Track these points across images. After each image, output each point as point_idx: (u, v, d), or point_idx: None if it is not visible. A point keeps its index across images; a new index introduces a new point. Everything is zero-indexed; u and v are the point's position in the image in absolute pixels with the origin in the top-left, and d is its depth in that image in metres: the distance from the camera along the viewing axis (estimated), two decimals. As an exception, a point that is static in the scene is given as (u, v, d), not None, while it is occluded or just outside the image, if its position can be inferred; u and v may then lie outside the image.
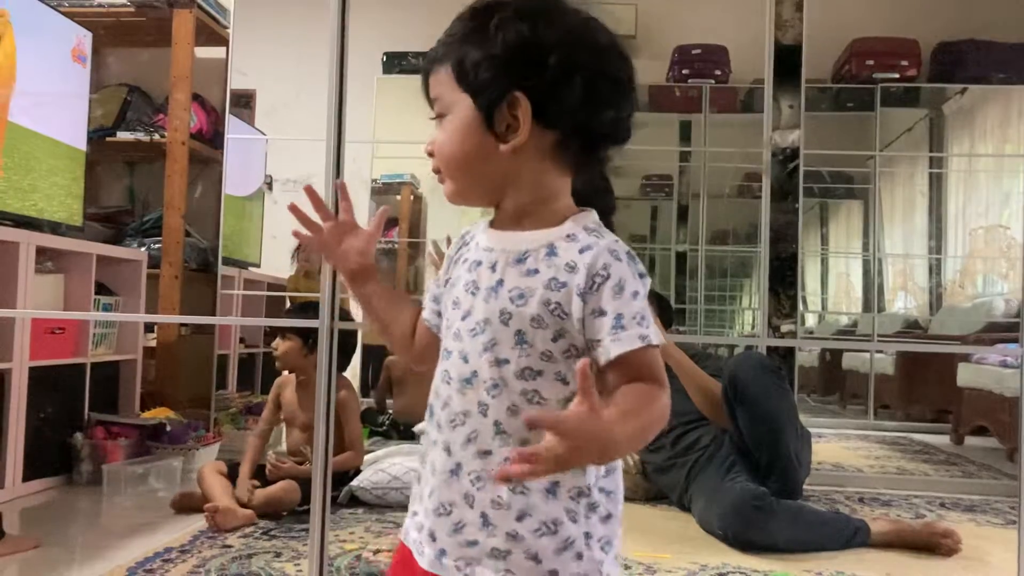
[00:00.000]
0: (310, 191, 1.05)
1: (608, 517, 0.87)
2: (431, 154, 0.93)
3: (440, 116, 0.91)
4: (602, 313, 0.83)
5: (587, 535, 0.85)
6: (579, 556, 0.84)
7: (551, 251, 0.87)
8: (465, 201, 0.94)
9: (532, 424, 0.75)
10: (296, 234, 1.05)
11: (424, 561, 0.89)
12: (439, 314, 0.97)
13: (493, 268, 0.89)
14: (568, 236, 0.87)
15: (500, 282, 0.88)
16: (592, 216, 0.91)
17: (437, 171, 0.93)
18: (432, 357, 0.97)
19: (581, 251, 0.86)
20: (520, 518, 0.84)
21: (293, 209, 1.04)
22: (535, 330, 0.85)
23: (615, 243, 0.87)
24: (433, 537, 0.88)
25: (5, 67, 2.77)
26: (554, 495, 0.84)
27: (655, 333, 0.84)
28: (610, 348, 0.82)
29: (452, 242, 1.00)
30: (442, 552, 0.87)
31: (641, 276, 0.86)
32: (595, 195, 0.98)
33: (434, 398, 0.92)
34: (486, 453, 0.85)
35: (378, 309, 1.05)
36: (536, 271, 0.86)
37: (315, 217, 1.06)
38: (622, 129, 0.91)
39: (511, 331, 0.85)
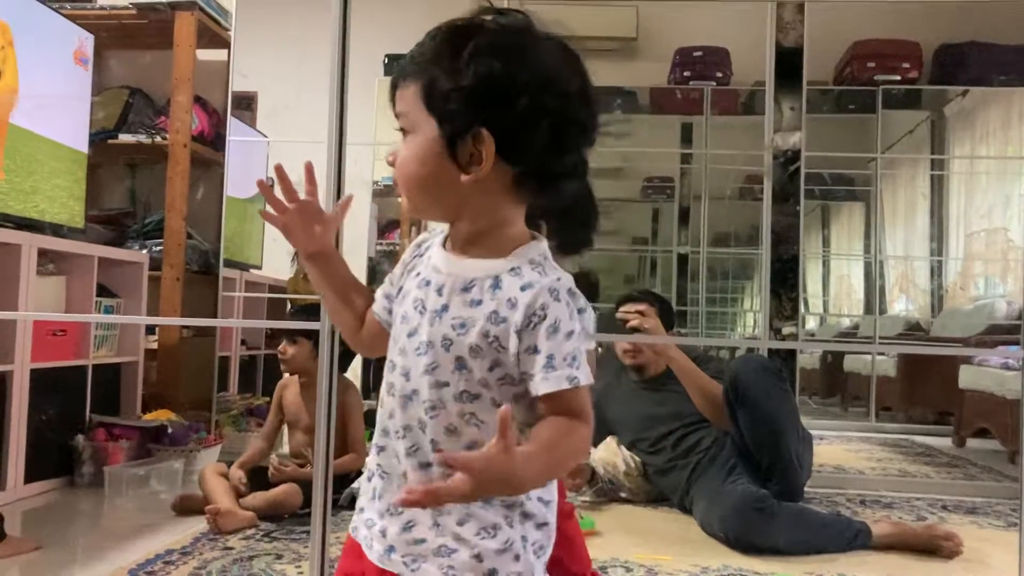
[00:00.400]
0: (279, 170, 1.06)
1: (543, 525, 0.92)
2: (392, 164, 0.94)
3: (404, 131, 0.92)
4: (536, 351, 0.86)
5: (524, 538, 0.90)
6: (517, 558, 0.89)
7: (496, 284, 0.89)
8: (421, 216, 0.98)
9: (443, 464, 0.79)
10: (262, 213, 1.06)
11: (373, 556, 0.93)
12: (389, 311, 1.00)
13: (440, 292, 0.91)
14: (513, 270, 0.89)
15: (445, 307, 0.90)
16: (540, 247, 0.92)
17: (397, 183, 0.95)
18: (379, 348, 1.01)
19: (523, 288, 0.87)
20: (461, 523, 0.88)
21: (261, 186, 1.06)
22: (473, 359, 0.88)
23: (556, 282, 0.88)
24: (384, 534, 0.92)
25: (6, 92, 2.77)
26: (490, 504, 0.89)
27: (585, 374, 0.87)
28: (539, 386, 0.86)
29: (408, 247, 1.01)
30: (391, 548, 0.91)
31: (580, 312, 0.89)
32: (577, 207, 0.99)
33: (381, 407, 0.95)
34: (427, 465, 0.90)
35: (332, 292, 1.07)
36: (480, 302, 0.89)
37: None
38: (581, 170, 0.93)
39: (451, 356, 0.88)
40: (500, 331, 0.87)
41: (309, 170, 1.06)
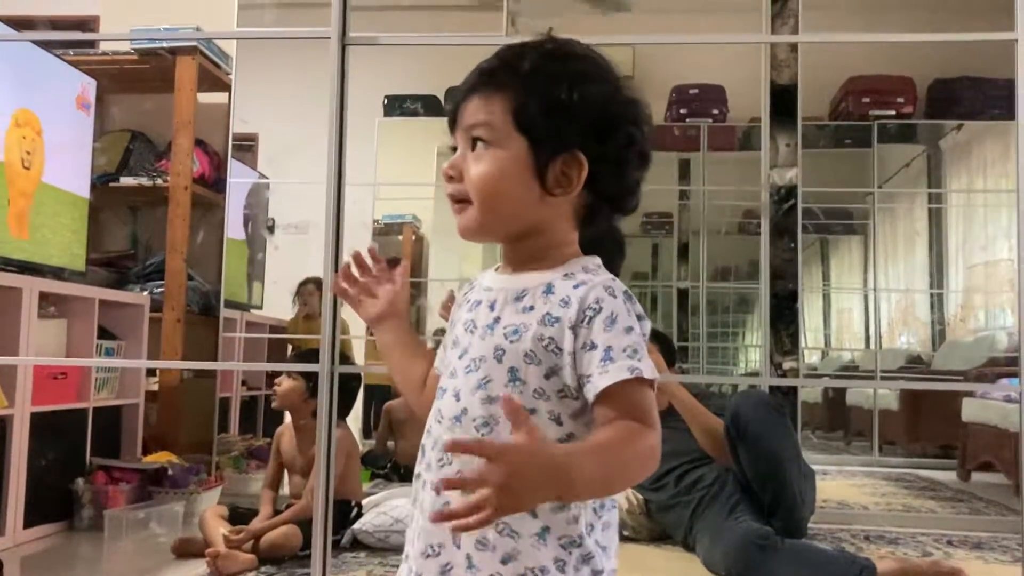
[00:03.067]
0: (372, 252, 1.09)
1: (599, 573, 0.85)
2: (452, 177, 0.90)
3: (477, 140, 0.89)
4: (592, 346, 0.82)
5: None
6: None
7: (548, 289, 0.87)
8: (483, 235, 0.93)
9: (450, 450, 0.75)
10: (335, 287, 1.09)
11: None
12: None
13: (492, 307, 0.89)
14: (566, 275, 0.88)
15: (497, 320, 0.88)
16: (595, 260, 0.92)
17: (459, 199, 0.91)
18: None
19: (576, 286, 0.86)
20: (505, 561, 0.82)
21: (344, 271, 1.09)
22: (528, 366, 0.84)
23: (611, 281, 0.87)
24: None
25: (36, 175, 2.83)
26: (544, 542, 0.82)
27: (648, 367, 0.83)
28: (598, 381, 0.81)
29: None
30: None
31: (640, 318, 0.85)
32: (608, 240, 1.00)
33: (426, 437, 0.92)
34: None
35: (399, 355, 1.06)
36: (531, 308, 0.87)
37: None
38: (638, 199, 0.94)
39: (504, 368, 0.85)
40: (555, 331, 0.84)
41: (373, 252, 1.08)
